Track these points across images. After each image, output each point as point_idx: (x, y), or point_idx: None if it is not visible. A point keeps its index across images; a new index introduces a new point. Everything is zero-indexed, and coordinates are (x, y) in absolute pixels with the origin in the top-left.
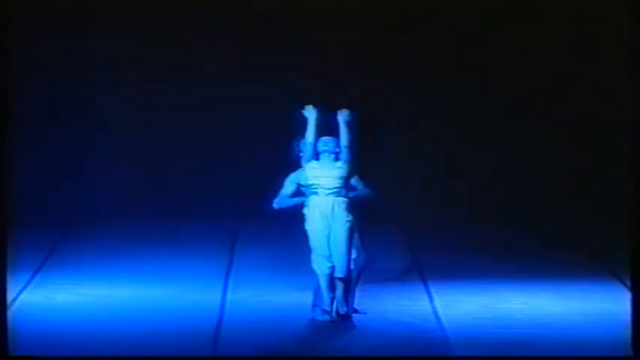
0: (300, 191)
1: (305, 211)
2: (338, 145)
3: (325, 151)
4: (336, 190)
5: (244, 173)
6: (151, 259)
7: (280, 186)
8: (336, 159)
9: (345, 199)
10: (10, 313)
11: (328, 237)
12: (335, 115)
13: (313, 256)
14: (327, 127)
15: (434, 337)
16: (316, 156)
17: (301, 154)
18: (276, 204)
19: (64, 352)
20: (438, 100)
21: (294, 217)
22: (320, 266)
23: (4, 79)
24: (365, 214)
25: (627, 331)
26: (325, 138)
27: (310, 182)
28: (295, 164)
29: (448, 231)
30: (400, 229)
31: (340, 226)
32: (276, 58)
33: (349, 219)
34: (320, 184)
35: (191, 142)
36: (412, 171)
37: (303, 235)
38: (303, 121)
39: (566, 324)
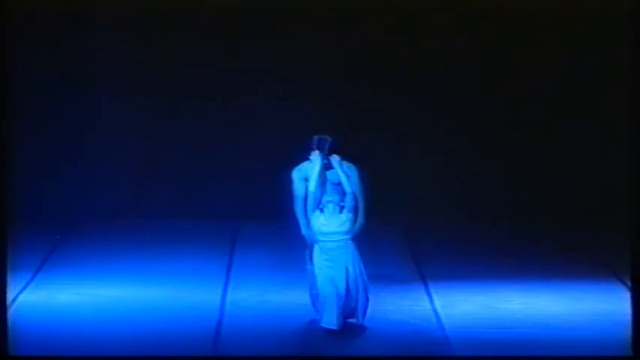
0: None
1: (313, 255)
2: (343, 199)
3: (330, 202)
4: (346, 239)
5: (244, 173)
6: (151, 259)
7: (289, 181)
8: (341, 211)
9: (354, 243)
10: (10, 313)
11: (337, 280)
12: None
13: (320, 299)
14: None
15: (434, 337)
16: (320, 208)
17: (315, 152)
18: (295, 207)
19: (64, 352)
20: (437, 100)
21: (294, 217)
22: (330, 315)
23: (4, 78)
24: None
25: (627, 331)
26: (329, 190)
27: (318, 237)
28: (301, 159)
29: (448, 231)
30: (400, 229)
31: (357, 268)
32: (277, 56)
33: (359, 257)
34: (329, 240)
35: (191, 142)
36: (412, 171)
37: (301, 235)
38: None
39: (566, 324)
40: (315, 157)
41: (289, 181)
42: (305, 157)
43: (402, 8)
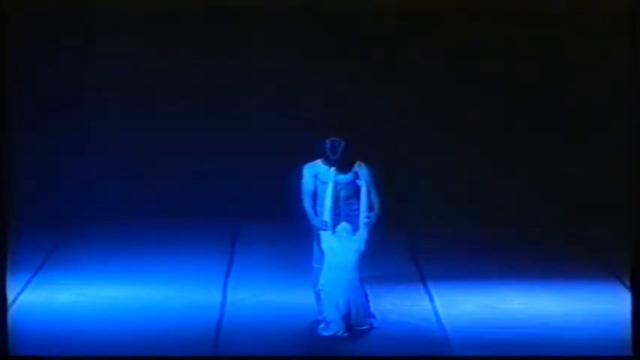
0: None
1: (322, 266)
2: (357, 224)
3: (344, 229)
4: (356, 256)
5: (244, 173)
6: (150, 259)
7: (299, 177)
8: (354, 234)
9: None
10: (10, 313)
11: (342, 287)
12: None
13: (325, 306)
14: None
15: (434, 337)
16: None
17: (332, 157)
18: (304, 200)
19: (64, 352)
20: (437, 100)
21: (294, 216)
22: (338, 328)
23: (4, 79)
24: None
25: (627, 331)
26: (342, 211)
27: (326, 254)
28: (302, 160)
29: (448, 231)
30: (400, 229)
31: (358, 276)
32: (277, 56)
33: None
34: (338, 259)
35: (191, 142)
36: (412, 172)
37: (302, 236)
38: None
39: (566, 324)
40: (331, 172)
41: (299, 177)
42: (312, 158)
43: (406, 8)
